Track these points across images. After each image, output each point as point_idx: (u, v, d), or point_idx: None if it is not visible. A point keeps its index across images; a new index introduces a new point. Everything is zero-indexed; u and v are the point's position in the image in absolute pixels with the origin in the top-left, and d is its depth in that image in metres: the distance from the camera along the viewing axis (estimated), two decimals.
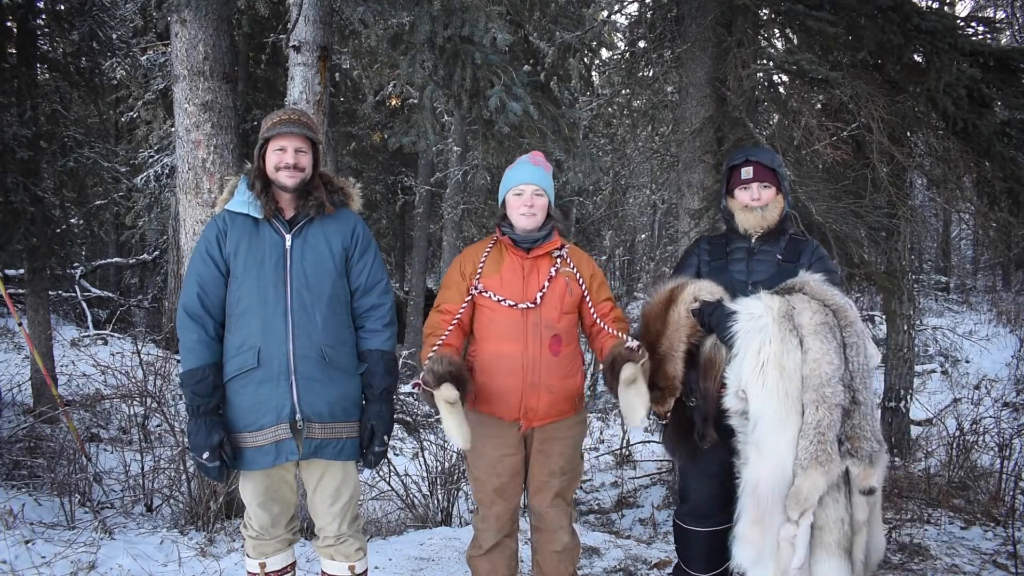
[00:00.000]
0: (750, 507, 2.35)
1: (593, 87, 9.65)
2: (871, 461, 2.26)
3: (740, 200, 2.78)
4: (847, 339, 2.37)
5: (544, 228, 2.76)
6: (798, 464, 2.26)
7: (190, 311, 2.52)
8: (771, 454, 2.31)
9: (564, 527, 2.83)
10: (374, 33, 4.71)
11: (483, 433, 2.72)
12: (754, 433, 2.36)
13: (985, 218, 5.37)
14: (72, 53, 7.31)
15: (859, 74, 4.83)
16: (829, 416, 2.26)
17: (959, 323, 13.52)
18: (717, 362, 2.57)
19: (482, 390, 2.71)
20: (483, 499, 2.82)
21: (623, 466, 7.43)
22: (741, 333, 2.41)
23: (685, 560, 2.91)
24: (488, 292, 2.72)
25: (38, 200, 6.52)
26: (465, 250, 2.89)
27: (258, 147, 2.59)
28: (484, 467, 2.77)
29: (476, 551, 2.87)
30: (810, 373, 2.31)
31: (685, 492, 2.90)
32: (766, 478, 2.31)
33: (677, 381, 2.67)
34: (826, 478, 2.24)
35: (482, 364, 2.72)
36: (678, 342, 2.65)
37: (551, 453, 2.77)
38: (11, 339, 9.63)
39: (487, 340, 2.72)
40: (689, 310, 2.63)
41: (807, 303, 2.41)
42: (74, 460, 4.71)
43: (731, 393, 2.44)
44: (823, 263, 2.73)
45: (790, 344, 2.33)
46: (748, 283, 2.71)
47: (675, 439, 2.80)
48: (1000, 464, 5.09)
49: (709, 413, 2.59)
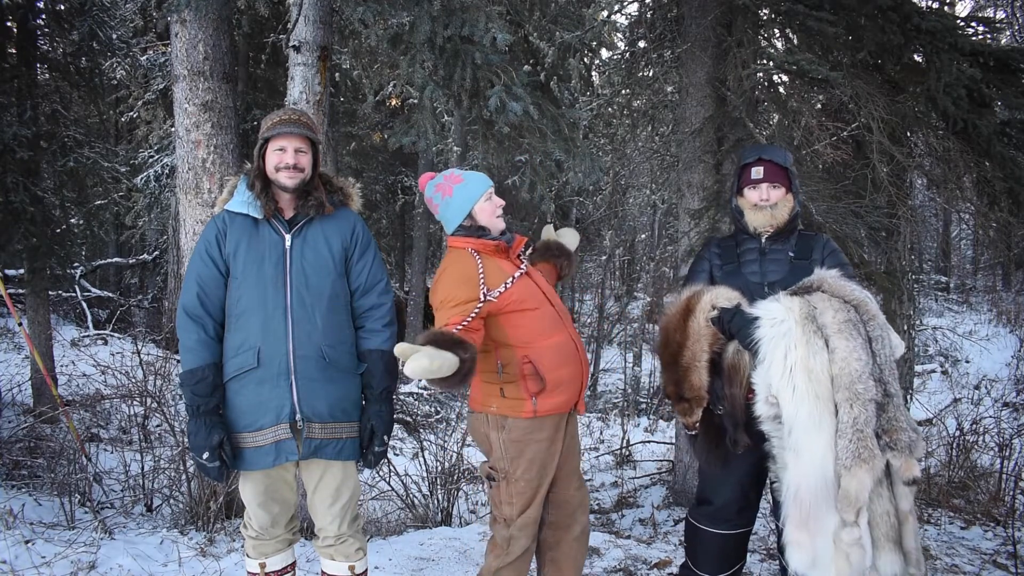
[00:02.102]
0: (794, 512, 2.34)
1: (593, 87, 9.64)
2: (911, 451, 2.27)
3: (749, 199, 2.78)
4: (871, 333, 2.37)
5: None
6: (840, 465, 2.25)
7: (190, 311, 2.52)
8: (809, 457, 2.30)
9: (585, 505, 2.86)
10: (374, 33, 4.70)
11: (539, 439, 2.64)
12: (790, 438, 2.35)
13: (985, 218, 5.37)
14: (72, 53, 7.31)
15: (859, 74, 4.83)
16: (864, 412, 2.26)
17: (959, 323, 13.53)
18: (741, 367, 2.56)
19: (555, 385, 2.62)
20: (530, 507, 2.69)
21: (623, 466, 7.43)
22: (765, 339, 2.40)
23: (694, 560, 2.90)
24: (498, 290, 2.60)
25: (38, 200, 6.52)
26: (449, 271, 2.65)
27: (258, 147, 2.58)
28: (537, 473, 2.66)
29: (504, 560, 2.71)
30: (839, 372, 2.30)
31: (706, 495, 2.87)
32: (807, 481, 2.30)
33: (704, 391, 2.65)
34: (872, 474, 2.23)
35: (547, 360, 2.61)
36: (700, 352, 2.63)
37: (574, 434, 2.85)
38: (11, 339, 9.64)
39: (536, 337, 2.63)
40: (708, 319, 2.61)
41: (828, 301, 2.40)
42: (74, 460, 4.71)
43: (761, 399, 2.43)
44: (835, 256, 2.72)
45: (815, 346, 2.33)
46: (763, 284, 2.71)
47: (706, 448, 2.77)
48: (1000, 464, 5.09)
49: (739, 419, 2.58)
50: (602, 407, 11.46)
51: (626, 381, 12.31)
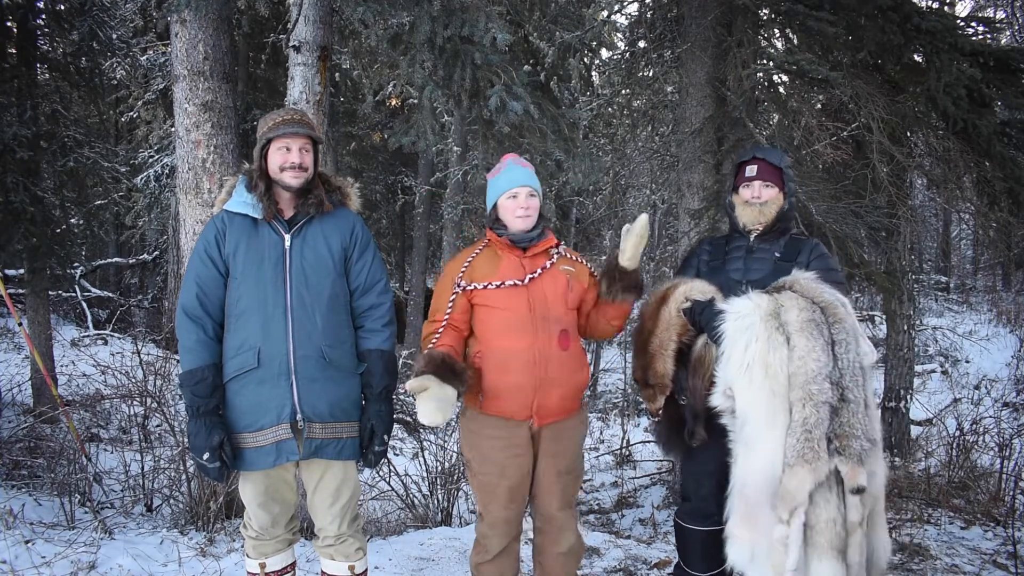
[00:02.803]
0: (739, 506, 2.34)
1: (593, 87, 9.65)
2: (860, 459, 2.23)
3: (742, 196, 2.83)
4: (836, 336, 2.34)
5: (538, 227, 2.77)
6: (784, 462, 2.24)
7: (189, 312, 2.52)
8: (759, 452, 2.30)
9: (571, 528, 2.81)
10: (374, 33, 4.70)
11: (491, 436, 2.69)
12: (743, 431, 2.35)
13: (985, 218, 5.38)
14: (72, 53, 7.31)
15: (859, 74, 4.83)
16: (816, 414, 2.24)
17: (959, 323, 13.52)
18: (707, 360, 2.57)
19: (492, 389, 2.65)
20: (492, 505, 2.73)
21: (623, 466, 7.44)
22: (728, 332, 2.40)
23: (685, 559, 2.91)
24: (476, 284, 2.68)
25: (38, 200, 6.52)
26: (448, 263, 2.87)
27: (259, 147, 2.58)
28: (493, 471, 2.69)
29: (483, 557, 2.78)
30: (796, 371, 2.28)
31: (685, 491, 2.90)
32: (754, 476, 2.30)
33: (667, 379, 2.69)
34: (813, 476, 2.21)
35: (491, 362, 2.65)
36: (668, 340, 2.68)
37: (559, 452, 2.74)
38: (11, 339, 9.63)
39: (495, 339, 2.66)
40: (680, 309, 2.66)
41: (795, 300, 2.40)
42: (74, 460, 4.70)
43: (719, 391, 2.44)
44: (823, 261, 2.73)
45: (776, 342, 2.32)
46: (743, 282, 2.72)
47: (667, 436, 2.83)
48: (1000, 464, 5.09)
49: (699, 411, 2.60)
50: (602, 407, 11.45)
51: (626, 381, 12.29)
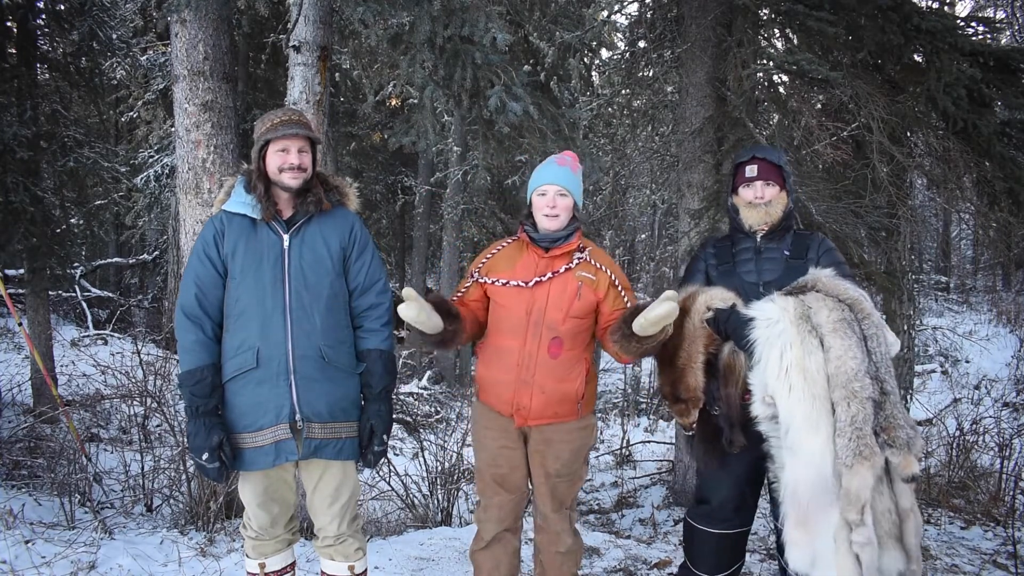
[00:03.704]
0: (792, 511, 2.35)
1: (593, 87, 9.64)
2: (909, 447, 2.27)
3: (744, 197, 2.81)
4: (866, 331, 2.37)
5: (567, 229, 2.73)
6: (841, 464, 2.25)
7: (188, 312, 2.52)
8: (807, 457, 2.31)
9: (566, 530, 2.84)
10: (374, 33, 4.70)
11: (485, 424, 2.83)
12: (787, 437, 2.35)
13: (985, 218, 5.37)
14: (72, 53, 7.31)
15: (859, 74, 4.83)
16: (863, 410, 2.26)
17: (959, 323, 13.53)
18: (737, 368, 2.57)
19: (481, 380, 2.83)
20: (484, 489, 2.86)
21: (623, 466, 7.43)
22: (760, 340, 2.40)
23: (693, 560, 2.90)
24: (487, 278, 2.78)
25: (38, 200, 6.52)
26: (484, 250, 3.02)
27: (257, 148, 2.58)
28: (485, 458, 2.84)
29: (478, 544, 2.90)
30: (835, 371, 2.31)
31: (704, 494, 2.87)
32: (804, 481, 2.31)
33: (699, 392, 2.66)
34: (873, 472, 2.23)
35: (485, 354, 2.83)
36: (696, 353, 2.64)
37: (547, 455, 2.75)
38: (11, 339, 9.64)
39: (493, 334, 2.80)
40: (703, 320, 2.62)
41: (822, 301, 2.41)
42: (74, 460, 4.70)
43: (757, 400, 2.44)
44: (831, 255, 2.73)
45: (811, 346, 2.34)
46: (759, 284, 2.71)
47: (703, 448, 2.78)
48: (1000, 464, 5.10)
49: (735, 419, 2.59)
50: (602, 407, 11.45)
51: (626, 381, 12.30)
